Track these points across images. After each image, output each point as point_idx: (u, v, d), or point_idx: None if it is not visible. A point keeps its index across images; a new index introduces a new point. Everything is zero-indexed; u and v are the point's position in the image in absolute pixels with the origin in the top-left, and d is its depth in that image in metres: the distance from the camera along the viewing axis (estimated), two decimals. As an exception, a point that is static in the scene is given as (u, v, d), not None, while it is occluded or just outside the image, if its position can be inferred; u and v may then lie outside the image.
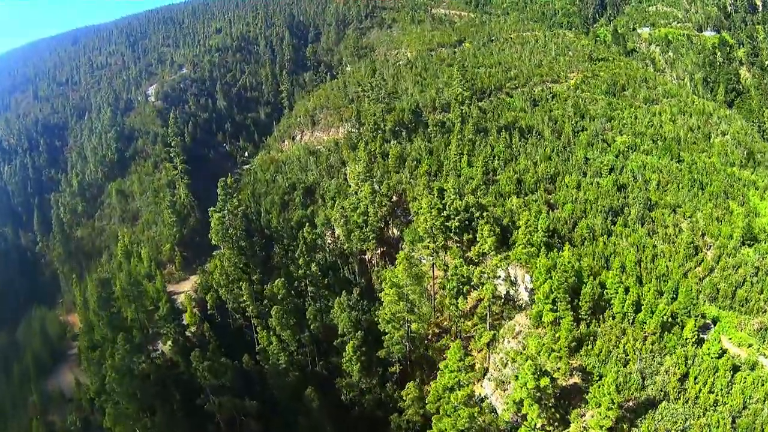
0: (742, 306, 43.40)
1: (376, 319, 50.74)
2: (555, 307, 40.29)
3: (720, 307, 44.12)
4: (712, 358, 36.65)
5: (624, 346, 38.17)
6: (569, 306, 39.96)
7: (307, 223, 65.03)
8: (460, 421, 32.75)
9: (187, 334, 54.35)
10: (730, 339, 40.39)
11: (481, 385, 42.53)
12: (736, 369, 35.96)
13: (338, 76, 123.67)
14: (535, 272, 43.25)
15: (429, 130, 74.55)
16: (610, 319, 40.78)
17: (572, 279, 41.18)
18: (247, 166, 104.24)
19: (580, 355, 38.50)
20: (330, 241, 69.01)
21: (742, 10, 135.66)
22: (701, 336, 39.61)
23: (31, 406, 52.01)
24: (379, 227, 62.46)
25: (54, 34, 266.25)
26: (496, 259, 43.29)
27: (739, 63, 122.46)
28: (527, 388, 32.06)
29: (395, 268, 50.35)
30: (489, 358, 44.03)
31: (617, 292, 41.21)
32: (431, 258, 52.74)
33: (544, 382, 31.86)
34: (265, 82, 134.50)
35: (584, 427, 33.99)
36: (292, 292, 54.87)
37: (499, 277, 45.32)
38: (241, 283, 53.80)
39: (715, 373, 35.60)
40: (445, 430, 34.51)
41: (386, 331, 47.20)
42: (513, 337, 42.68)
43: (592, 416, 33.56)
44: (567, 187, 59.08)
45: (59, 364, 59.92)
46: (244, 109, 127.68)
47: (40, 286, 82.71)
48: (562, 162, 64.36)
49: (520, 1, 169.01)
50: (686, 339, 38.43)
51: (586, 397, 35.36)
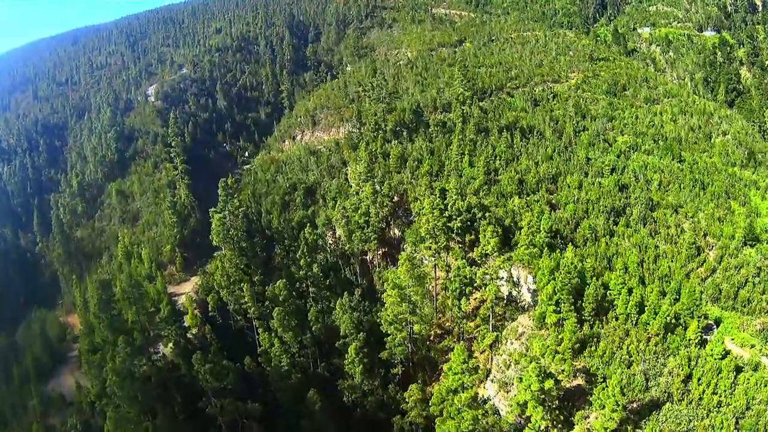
0: (745, 306, 43.33)
1: (377, 320, 50.59)
2: (558, 309, 40.16)
3: (722, 308, 44.06)
4: (715, 359, 36.56)
5: (627, 348, 38.07)
6: (572, 307, 39.84)
7: (308, 224, 64.93)
8: (463, 424, 32.57)
9: (189, 336, 54.16)
10: (733, 340, 40.31)
11: (484, 387, 42.36)
12: (739, 370, 35.88)
13: (339, 75, 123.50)
14: (539, 273, 43.13)
15: (430, 130, 74.34)
16: (614, 320, 40.66)
17: (575, 280, 41.04)
18: (248, 166, 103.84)
19: (584, 357, 38.38)
20: (331, 242, 68.82)
21: (742, 10, 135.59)
22: (704, 337, 39.54)
23: (30, 409, 51.68)
24: (381, 228, 62.33)
25: (54, 34, 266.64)
26: (499, 260, 43.12)
27: (740, 63, 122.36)
28: (531, 390, 31.90)
29: (397, 269, 50.26)
30: (492, 359, 43.86)
31: (620, 293, 41.06)
32: (433, 259, 52.58)
33: (549, 384, 31.70)
34: (265, 82, 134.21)
35: (588, 429, 33.87)
36: (294, 294, 54.67)
37: (502, 278, 45.15)
38: (242, 285, 53.56)
39: (718, 374, 35.52)
40: (449, 432, 34.38)
41: (388, 332, 47.00)
42: (516, 339, 42.54)
43: (596, 418, 33.46)
44: (569, 187, 58.95)
45: (59, 366, 59.59)
46: (245, 109, 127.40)
47: (40, 287, 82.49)
48: (564, 162, 64.25)
49: (520, 1, 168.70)
50: (689, 340, 38.32)
51: (590, 399, 35.27)
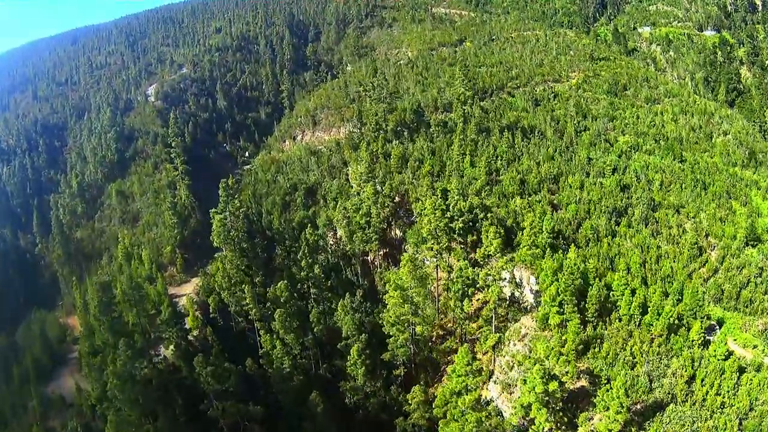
0: (747, 307, 43.31)
1: (379, 321, 50.49)
2: (562, 310, 40.04)
3: (725, 309, 44.05)
4: (718, 360, 36.48)
5: (631, 349, 37.97)
6: (576, 308, 39.72)
7: (309, 225, 64.76)
8: (467, 426, 32.42)
9: (190, 338, 53.80)
10: (735, 340, 40.29)
11: (487, 388, 42.23)
12: (741, 370, 35.79)
13: (339, 75, 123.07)
14: (542, 274, 43.01)
15: (431, 130, 74.14)
16: (617, 321, 40.56)
17: (578, 281, 40.92)
18: (248, 167, 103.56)
19: (587, 358, 38.27)
20: (332, 243, 68.63)
21: (742, 9, 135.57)
22: (707, 338, 39.48)
23: (30, 411, 51.32)
24: (382, 228, 62.15)
25: (53, 33, 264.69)
26: (502, 261, 42.96)
27: (740, 62, 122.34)
28: (536, 392, 31.75)
29: (399, 269, 50.12)
30: (494, 360, 43.73)
31: (623, 294, 40.97)
32: (435, 259, 52.45)
33: (553, 386, 31.55)
34: (265, 81, 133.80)
35: (592, 431, 33.77)
36: (295, 295, 54.51)
37: (504, 279, 45.00)
38: (243, 286, 53.28)
39: (721, 375, 35.44)
40: (452, 434, 34.26)
41: (390, 333, 46.88)
42: (519, 340, 42.41)
43: (600, 420, 33.35)
44: (570, 187, 58.83)
45: (59, 368, 59.28)
46: (245, 108, 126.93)
47: (40, 288, 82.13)
48: (565, 162, 64.12)
49: (520, 0, 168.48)
50: (692, 341, 38.25)
51: (594, 401, 35.17)
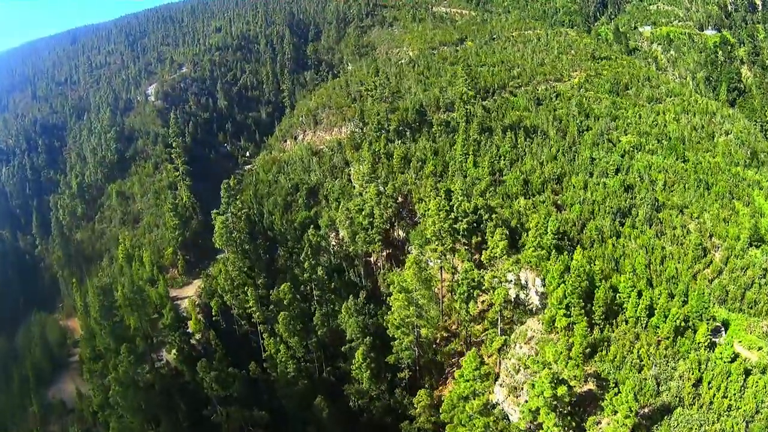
0: (751, 308, 43.08)
1: (383, 323, 50.16)
2: (569, 312, 39.78)
3: (729, 310, 43.82)
4: (725, 362, 36.31)
5: (638, 352, 37.74)
6: (583, 311, 39.48)
7: (311, 225, 64.33)
8: (475, 430, 32.18)
9: (192, 342, 53.17)
10: (740, 342, 40.07)
11: (493, 391, 41.96)
12: (747, 373, 35.60)
13: (340, 74, 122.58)
14: (548, 276, 42.74)
15: (433, 129, 73.79)
16: (623, 323, 40.32)
17: (585, 283, 40.67)
18: (249, 167, 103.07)
19: (595, 361, 38.02)
20: (334, 243, 68.25)
21: (742, 9, 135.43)
22: (713, 340, 39.26)
23: (30, 416, 50.70)
24: (385, 229, 61.80)
25: (53, 33, 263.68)
26: (508, 263, 42.67)
27: (741, 62, 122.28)
28: (544, 397, 31.50)
29: (403, 271, 49.80)
30: (500, 363, 43.47)
31: (630, 297, 40.74)
32: (439, 261, 52.15)
33: (562, 390, 31.28)
34: (266, 81, 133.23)
35: (600, 435, 33.55)
36: (298, 297, 54.14)
37: (510, 281, 44.74)
38: (246, 288, 52.92)
39: (728, 378, 35.25)
40: (459, 438, 34.00)
41: (395, 336, 46.51)
42: (525, 343, 42.14)
43: (608, 424, 33.12)
44: (574, 187, 58.56)
45: (60, 372, 58.64)
46: (245, 108, 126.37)
47: (40, 289, 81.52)
48: (568, 162, 63.83)
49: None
50: (699, 343, 38.05)
51: (602, 404, 34.91)
